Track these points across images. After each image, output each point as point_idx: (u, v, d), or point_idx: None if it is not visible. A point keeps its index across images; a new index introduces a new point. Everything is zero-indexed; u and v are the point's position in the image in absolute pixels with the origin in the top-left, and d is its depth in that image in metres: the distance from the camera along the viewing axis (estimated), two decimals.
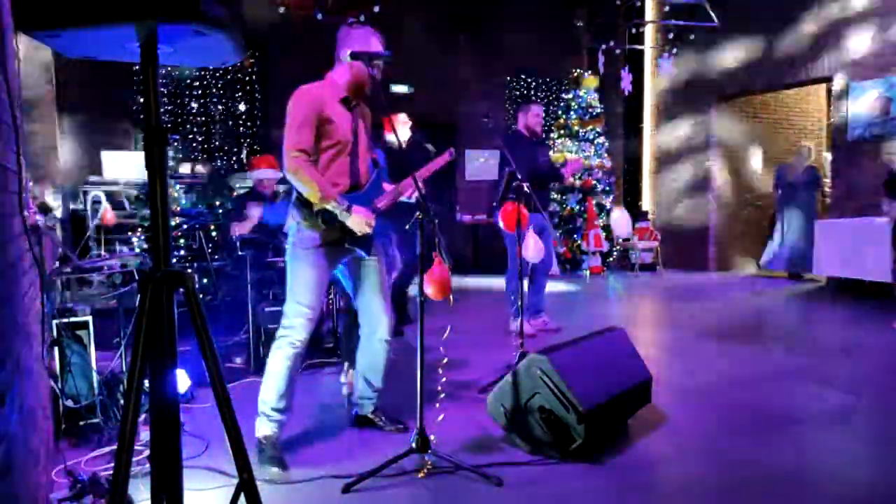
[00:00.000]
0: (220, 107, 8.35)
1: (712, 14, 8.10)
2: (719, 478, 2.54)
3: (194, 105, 8.20)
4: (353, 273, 2.92)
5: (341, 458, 2.71)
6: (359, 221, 2.70)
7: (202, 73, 8.20)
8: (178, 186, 6.79)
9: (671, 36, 8.78)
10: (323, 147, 2.72)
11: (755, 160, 9.31)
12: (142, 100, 2.76)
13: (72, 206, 6.60)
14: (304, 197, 2.69)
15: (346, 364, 3.57)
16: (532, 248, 4.11)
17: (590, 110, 9.49)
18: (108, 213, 5.70)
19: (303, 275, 2.74)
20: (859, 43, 7.00)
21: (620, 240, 9.44)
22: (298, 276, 2.75)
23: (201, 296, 5.57)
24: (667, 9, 8.96)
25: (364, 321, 2.96)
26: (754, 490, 2.41)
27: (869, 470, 2.58)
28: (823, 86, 9.32)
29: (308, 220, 2.72)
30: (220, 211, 6.54)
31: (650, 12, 9.45)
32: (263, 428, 2.70)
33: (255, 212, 4.73)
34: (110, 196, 6.31)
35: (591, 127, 9.47)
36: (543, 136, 5.19)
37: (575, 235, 9.17)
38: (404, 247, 4.97)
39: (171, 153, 7.18)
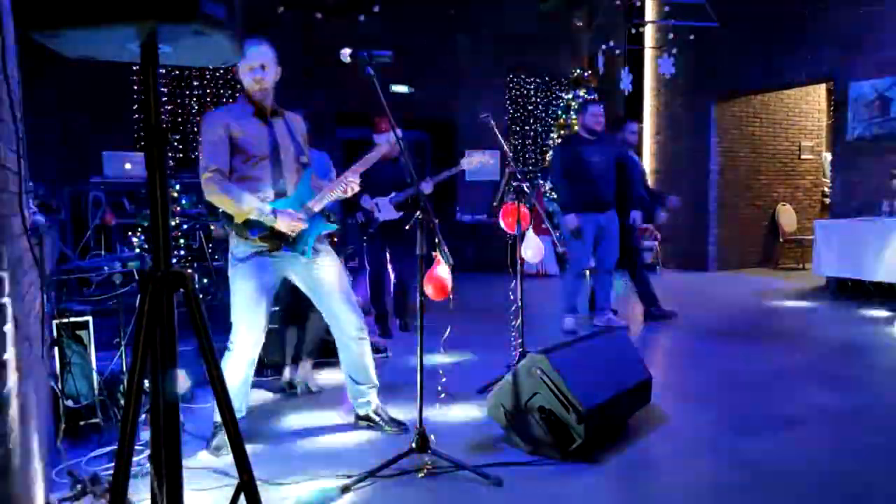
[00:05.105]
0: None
1: (712, 14, 8.09)
2: (719, 478, 2.54)
3: (195, 105, 8.19)
4: (305, 278, 2.90)
5: (341, 458, 2.71)
6: (287, 223, 2.68)
7: (203, 72, 8.19)
8: (177, 186, 6.77)
9: (671, 36, 8.77)
10: (239, 163, 2.72)
11: (755, 160, 9.30)
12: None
13: (71, 207, 6.59)
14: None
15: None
16: (531, 249, 4.10)
17: None
18: (107, 214, 5.70)
19: (239, 288, 2.77)
20: (859, 42, 7.00)
21: None
22: (236, 289, 2.78)
23: (201, 296, 5.56)
24: (667, 9, 8.95)
25: (331, 324, 2.96)
26: (754, 490, 2.40)
27: (869, 470, 2.58)
28: (823, 86, 9.32)
29: (238, 233, 2.72)
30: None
31: (650, 12, 9.44)
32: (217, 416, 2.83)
33: None
34: (110, 196, 6.31)
35: None
36: (601, 133, 5.16)
37: None
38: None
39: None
